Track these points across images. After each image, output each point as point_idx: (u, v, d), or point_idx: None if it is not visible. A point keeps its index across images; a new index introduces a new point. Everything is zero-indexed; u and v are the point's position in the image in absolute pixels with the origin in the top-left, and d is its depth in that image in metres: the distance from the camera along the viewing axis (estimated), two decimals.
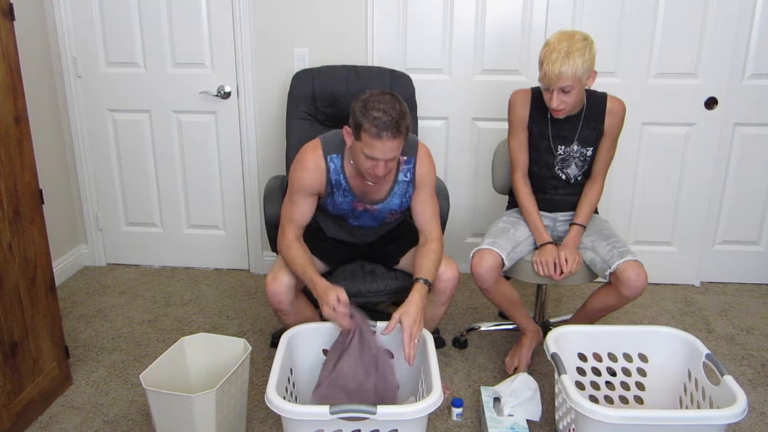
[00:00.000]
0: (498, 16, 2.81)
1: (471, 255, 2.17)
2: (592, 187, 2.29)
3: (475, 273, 2.14)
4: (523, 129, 2.25)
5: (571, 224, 2.26)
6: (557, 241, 2.34)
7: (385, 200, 2.05)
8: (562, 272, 2.16)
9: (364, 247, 2.27)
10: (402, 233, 2.25)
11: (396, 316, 1.85)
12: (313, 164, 1.96)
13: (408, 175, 2.03)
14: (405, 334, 1.82)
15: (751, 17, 2.75)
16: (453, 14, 2.82)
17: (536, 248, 2.26)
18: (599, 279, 2.27)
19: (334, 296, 1.84)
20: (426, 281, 1.94)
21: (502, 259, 2.14)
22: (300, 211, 2.01)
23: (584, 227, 2.25)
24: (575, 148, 2.21)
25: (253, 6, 2.86)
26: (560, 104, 2.03)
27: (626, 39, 2.78)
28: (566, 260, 2.16)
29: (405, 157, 2.01)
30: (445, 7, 2.81)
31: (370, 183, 1.94)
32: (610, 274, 2.10)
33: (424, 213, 2.06)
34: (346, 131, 1.88)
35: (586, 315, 2.28)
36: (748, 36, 2.77)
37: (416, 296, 1.89)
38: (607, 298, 2.17)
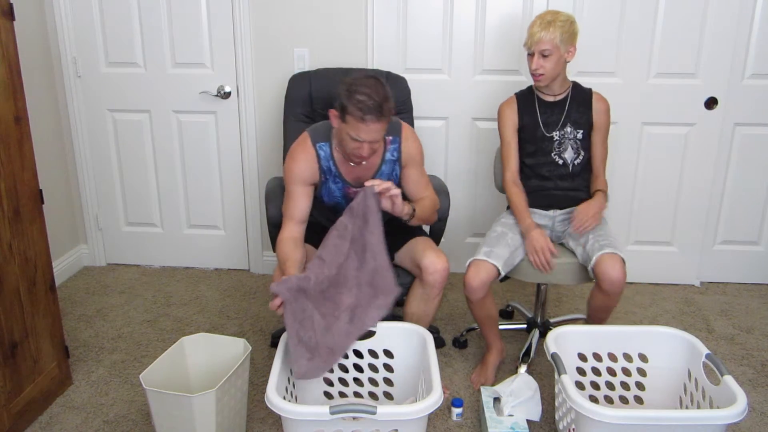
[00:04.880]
0: (498, 15, 2.81)
1: (467, 264, 2.17)
2: (597, 179, 2.34)
3: (467, 285, 2.14)
4: (514, 135, 2.32)
5: (594, 192, 2.30)
6: (555, 240, 2.35)
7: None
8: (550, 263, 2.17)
9: None
10: (395, 228, 2.24)
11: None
12: (303, 154, 2.05)
13: (394, 154, 2.11)
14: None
15: (751, 17, 2.75)
16: (453, 14, 2.82)
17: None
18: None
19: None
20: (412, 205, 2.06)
21: (498, 270, 2.14)
22: (297, 204, 2.06)
23: (605, 192, 2.30)
24: (568, 129, 2.28)
25: (253, 6, 2.86)
26: (539, 68, 2.16)
27: (626, 39, 2.78)
28: (593, 216, 2.20)
29: (390, 137, 2.09)
30: (445, 7, 2.81)
31: (353, 164, 2.05)
32: (592, 269, 2.10)
33: (418, 188, 2.16)
34: (333, 114, 1.95)
35: (591, 319, 2.27)
36: (748, 36, 2.77)
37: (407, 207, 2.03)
38: (596, 296, 2.16)
